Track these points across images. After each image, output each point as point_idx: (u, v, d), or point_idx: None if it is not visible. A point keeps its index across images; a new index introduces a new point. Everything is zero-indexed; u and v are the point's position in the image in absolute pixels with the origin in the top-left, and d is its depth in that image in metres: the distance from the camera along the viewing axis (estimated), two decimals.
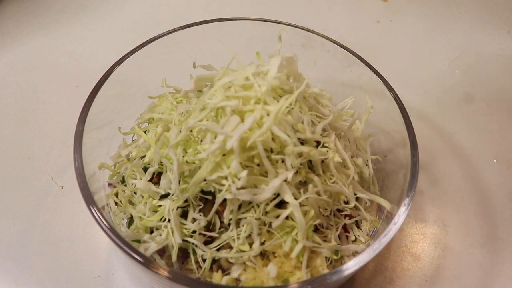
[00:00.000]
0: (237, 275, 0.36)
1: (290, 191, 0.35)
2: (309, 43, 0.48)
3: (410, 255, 0.47)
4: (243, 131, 0.33)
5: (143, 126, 0.45)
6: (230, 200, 0.35)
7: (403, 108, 0.42)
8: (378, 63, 0.46)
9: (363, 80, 0.46)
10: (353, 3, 0.76)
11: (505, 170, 0.55)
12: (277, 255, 0.36)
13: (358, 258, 0.33)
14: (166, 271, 0.32)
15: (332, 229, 0.39)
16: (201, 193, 0.37)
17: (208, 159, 0.35)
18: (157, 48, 0.46)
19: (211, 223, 0.38)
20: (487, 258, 0.47)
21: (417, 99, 0.61)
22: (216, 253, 0.36)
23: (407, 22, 0.73)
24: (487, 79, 0.65)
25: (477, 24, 0.73)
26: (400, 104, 0.42)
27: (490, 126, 0.59)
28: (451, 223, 0.49)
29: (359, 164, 0.41)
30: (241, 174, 0.34)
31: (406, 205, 0.36)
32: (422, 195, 0.52)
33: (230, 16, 0.49)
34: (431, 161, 0.55)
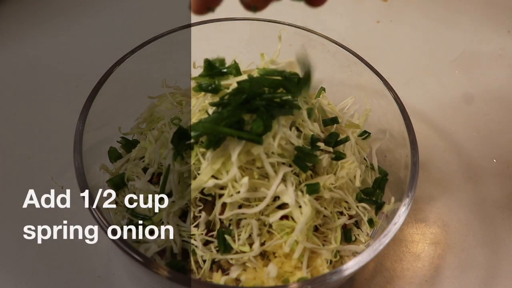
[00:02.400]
0: (237, 275, 0.36)
1: (290, 193, 0.35)
2: (309, 43, 0.48)
3: (410, 255, 0.47)
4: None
5: (143, 126, 0.45)
6: (230, 203, 0.35)
7: (403, 108, 0.42)
8: (378, 63, 0.46)
9: (363, 80, 0.46)
10: (353, 3, 0.76)
11: (505, 170, 0.54)
12: (277, 255, 0.36)
13: (358, 258, 0.33)
14: (166, 271, 0.32)
15: (332, 229, 0.39)
16: (201, 193, 0.37)
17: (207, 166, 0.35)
18: (157, 48, 0.46)
19: (211, 223, 0.38)
20: (487, 258, 0.47)
21: (417, 99, 0.61)
22: (216, 255, 0.36)
23: (407, 22, 0.73)
24: (487, 79, 0.65)
25: (477, 24, 0.73)
26: (400, 104, 0.42)
27: (490, 126, 0.59)
28: (451, 223, 0.49)
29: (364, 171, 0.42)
30: (243, 181, 0.34)
31: (406, 205, 0.36)
32: (422, 195, 0.52)
33: (230, 16, 0.49)
34: (431, 161, 0.55)
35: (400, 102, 0.42)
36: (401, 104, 0.42)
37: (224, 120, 0.33)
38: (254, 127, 0.33)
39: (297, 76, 0.35)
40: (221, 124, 0.33)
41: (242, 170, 0.35)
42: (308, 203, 0.36)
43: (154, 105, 0.45)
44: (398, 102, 0.42)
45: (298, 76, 0.35)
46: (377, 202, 0.41)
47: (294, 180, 0.36)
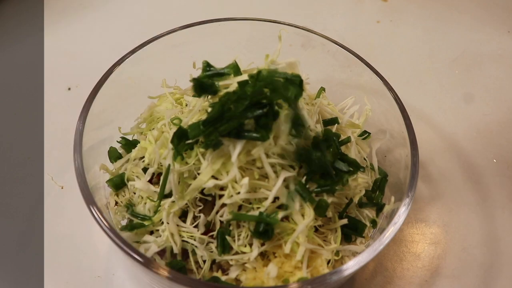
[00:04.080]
0: (236, 275, 0.36)
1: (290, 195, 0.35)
2: (309, 43, 0.48)
3: (410, 255, 0.47)
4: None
5: (143, 126, 0.45)
6: (230, 204, 0.35)
7: (403, 108, 0.42)
8: (378, 63, 0.46)
9: (363, 80, 0.46)
10: (353, 3, 0.76)
11: (505, 170, 0.55)
12: (277, 255, 0.36)
13: (358, 258, 0.33)
14: (166, 271, 0.32)
15: (332, 229, 0.39)
16: (201, 193, 0.37)
17: (207, 166, 0.35)
18: (157, 48, 0.46)
19: (211, 223, 0.38)
20: (487, 258, 0.47)
21: (417, 99, 0.61)
22: (215, 256, 0.36)
23: (407, 22, 0.73)
24: (487, 79, 0.65)
25: (477, 24, 0.73)
26: (400, 104, 0.42)
27: (490, 126, 0.59)
28: (451, 223, 0.49)
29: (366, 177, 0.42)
30: (243, 182, 0.34)
31: (406, 205, 0.36)
32: (422, 195, 0.52)
33: (230, 16, 0.49)
34: (431, 161, 0.55)
35: (400, 102, 0.42)
36: (401, 104, 0.42)
37: (224, 125, 0.33)
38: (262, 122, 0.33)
39: (299, 77, 0.35)
40: (220, 128, 0.33)
41: (243, 171, 0.35)
42: (310, 206, 0.36)
43: (154, 105, 0.45)
44: (398, 102, 0.42)
45: (300, 77, 0.35)
46: (377, 204, 0.41)
47: (296, 185, 0.36)
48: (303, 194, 0.35)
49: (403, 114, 0.42)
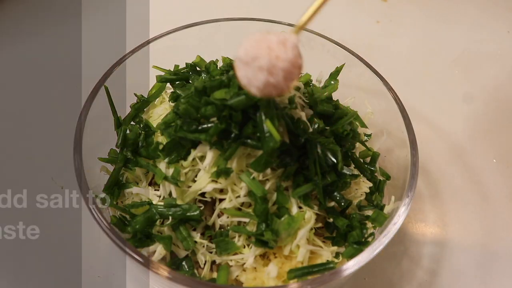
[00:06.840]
0: (236, 275, 0.36)
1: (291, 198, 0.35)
2: (309, 43, 0.48)
3: (410, 255, 0.47)
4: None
5: None
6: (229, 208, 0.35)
7: (403, 108, 0.42)
8: (378, 63, 0.46)
9: (363, 80, 0.46)
10: (353, 3, 0.76)
11: (505, 170, 0.55)
12: (277, 255, 0.36)
13: (358, 258, 0.33)
14: (166, 271, 0.32)
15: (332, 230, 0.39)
16: (200, 196, 0.37)
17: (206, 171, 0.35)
18: (157, 48, 0.46)
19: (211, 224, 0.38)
20: (487, 258, 0.47)
21: (417, 99, 0.61)
22: (215, 257, 0.36)
23: (407, 22, 0.73)
24: (487, 79, 0.65)
25: (477, 24, 0.73)
26: (400, 104, 0.42)
27: (490, 126, 0.59)
28: (451, 223, 0.49)
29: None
30: (242, 185, 0.34)
31: (406, 205, 0.36)
32: (421, 195, 0.52)
33: (230, 16, 0.49)
34: (431, 161, 0.55)
35: (400, 103, 0.42)
36: (400, 104, 0.42)
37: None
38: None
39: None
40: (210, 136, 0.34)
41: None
42: (310, 210, 0.36)
43: (153, 105, 0.45)
44: (398, 102, 0.42)
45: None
46: (377, 206, 0.41)
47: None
48: (302, 197, 0.36)
49: (403, 114, 0.42)
